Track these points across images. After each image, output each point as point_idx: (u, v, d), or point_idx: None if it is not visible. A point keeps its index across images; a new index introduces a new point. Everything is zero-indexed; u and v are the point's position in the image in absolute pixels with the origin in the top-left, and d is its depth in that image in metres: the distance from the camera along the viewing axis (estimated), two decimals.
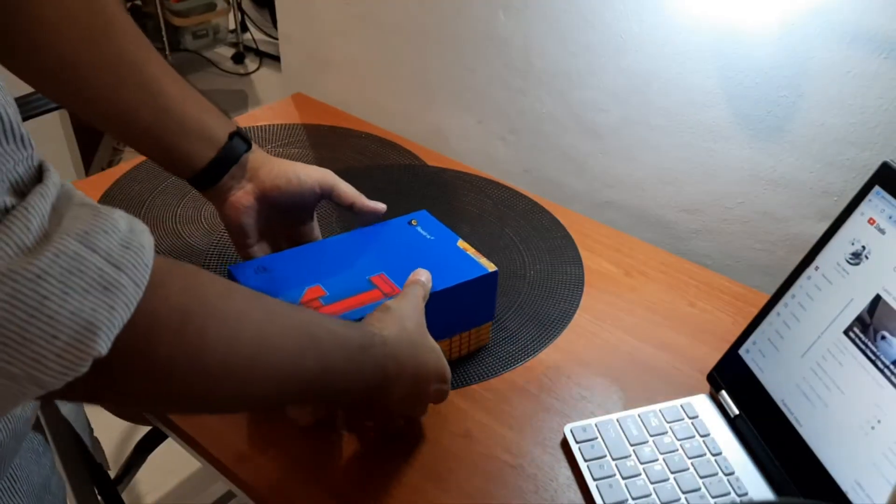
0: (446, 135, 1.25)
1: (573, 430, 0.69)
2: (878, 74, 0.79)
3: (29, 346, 0.33)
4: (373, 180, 1.06)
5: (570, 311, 0.85)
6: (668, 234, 1.05)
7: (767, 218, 0.94)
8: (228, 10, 3.18)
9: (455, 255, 0.75)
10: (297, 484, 0.65)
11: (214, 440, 0.68)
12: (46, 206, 0.34)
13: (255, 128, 1.16)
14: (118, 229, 0.36)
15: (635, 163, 1.03)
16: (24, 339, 0.32)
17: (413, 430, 0.70)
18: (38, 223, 0.34)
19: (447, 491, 0.65)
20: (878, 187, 0.63)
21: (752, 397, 0.69)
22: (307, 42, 1.37)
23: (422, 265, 0.71)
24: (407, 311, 0.62)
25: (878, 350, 0.59)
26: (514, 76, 1.10)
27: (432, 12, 1.15)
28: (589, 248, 0.95)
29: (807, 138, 0.87)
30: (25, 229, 0.33)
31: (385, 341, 0.57)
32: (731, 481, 0.65)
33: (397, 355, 0.58)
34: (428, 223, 0.80)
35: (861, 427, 0.58)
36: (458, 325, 0.75)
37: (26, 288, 0.32)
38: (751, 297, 0.88)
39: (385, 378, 0.58)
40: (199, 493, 1.53)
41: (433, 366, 0.62)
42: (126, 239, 0.37)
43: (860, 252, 0.63)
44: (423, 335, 0.63)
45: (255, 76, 3.26)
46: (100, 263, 0.35)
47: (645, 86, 0.97)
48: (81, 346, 0.34)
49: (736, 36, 0.87)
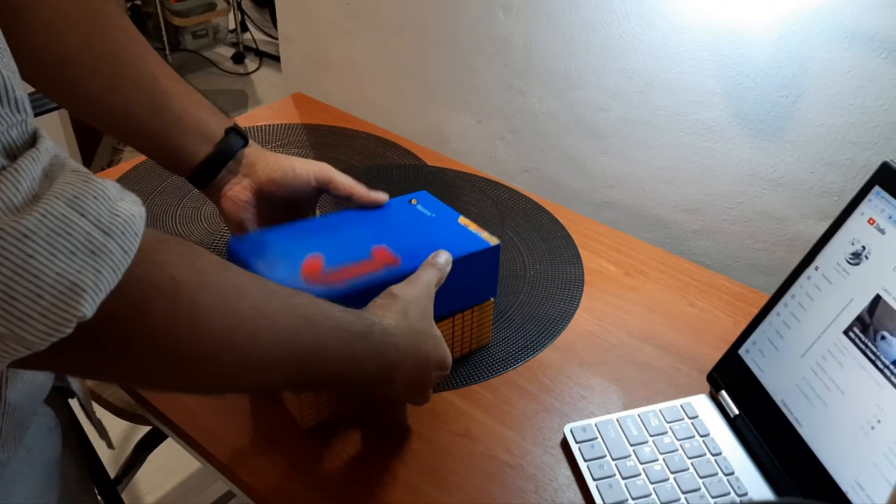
0: (446, 135, 1.25)
1: (573, 430, 0.69)
2: (878, 74, 0.79)
3: (13, 304, 0.33)
4: (373, 180, 1.06)
5: (570, 311, 0.85)
6: (668, 234, 1.05)
7: (767, 218, 0.94)
8: (228, 10, 3.18)
9: (456, 230, 0.74)
10: (297, 484, 0.65)
11: (214, 440, 0.68)
12: (37, 170, 0.35)
13: (255, 128, 1.16)
14: (109, 197, 0.37)
15: (635, 163, 1.03)
16: (8, 296, 0.33)
17: (413, 429, 0.70)
18: (27, 185, 0.34)
19: (447, 491, 0.65)
20: (878, 187, 0.63)
21: (751, 397, 0.69)
22: (307, 42, 1.37)
23: (423, 240, 0.70)
24: (412, 297, 0.62)
25: (878, 350, 0.59)
26: (514, 76, 1.10)
27: (432, 12, 1.15)
28: (589, 248, 0.95)
29: (807, 138, 0.87)
30: (14, 190, 0.33)
31: (386, 330, 0.57)
32: (731, 481, 0.65)
33: (398, 344, 0.58)
34: (428, 202, 0.79)
35: (861, 427, 0.58)
36: (461, 300, 0.74)
37: (12, 246, 0.33)
38: (751, 297, 0.88)
39: (386, 367, 0.57)
40: (199, 493, 1.53)
41: (434, 354, 0.62)
42: (116, 207, 0.37)
43: (860, 252, 0.63)
44: (427, 324, 0.62)
45: (255, 76, 3.26)
46: (88, 227, 0.35)
47: (645, 86, 0.97)
48: (66, 306, 0.34)
49: (736, 36, 0.87)
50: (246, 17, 3.32)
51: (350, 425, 0.70)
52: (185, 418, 0.70)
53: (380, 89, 1.30)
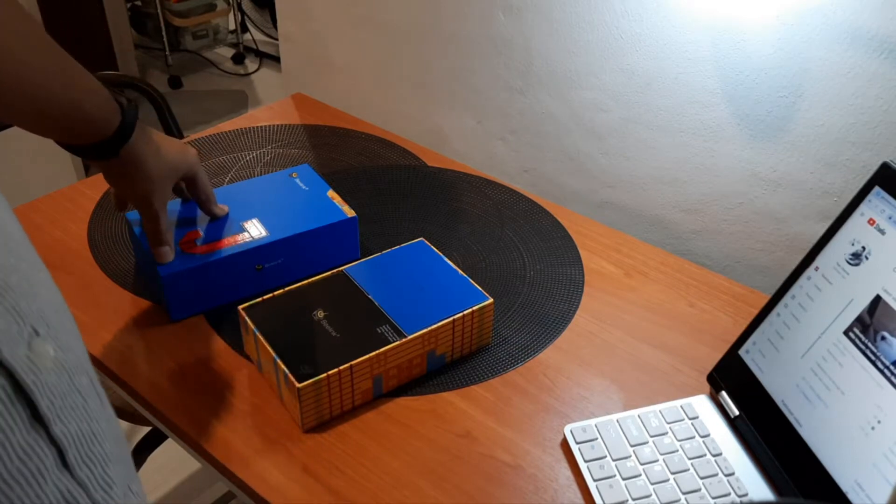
0: (446, 135, 1.25)
1: (573, 431, 0.69)
2: (878, 74, 0.79)
3: None
4: (373, 180, 1.06)
5: (570, 311, 0.85)
6: (668, 235, 1.05)
7: (767, 218, 0.94)
8: (228, 10, 3.18)
9: (322, 202, 0.87)
10: (297, 484, 0.65)
11: (214, 440, 0.68)
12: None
13: (255, 128, 1.16)
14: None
15: (635, 163, 1.03)
16: None
17: (413, 429, 0.70)
18: None
19: (447, 491, 0.65)
20: (878, 188, 0.63)
21: (752, 398, 0.69)
22: (307, 42, 1.37)
23: (291, 212, 0.85)
24: (167, 140, 0.76)
25: (878, 350, 0.59)
26: (514, 76, 1.10)
27: (432, 12, 1.15)
28: (589, 249, 0.95)
29: (807, 138, 0.87)
30: None
31: (135, 116, 0.69)
32: (732, 482, 0.65)
33: (146, 128, 0.71)
34: (306, 175, 0.92)
35: (861, 427, 0.58)
36: (324, 262, 0.87)
37: None
38: (751, 298, 0.88)
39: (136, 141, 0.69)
40: (199, 493, 1.54)
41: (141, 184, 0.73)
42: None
43: (860, 252, 0.63)
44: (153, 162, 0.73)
45: (255, 76, 3.26)
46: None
47: (645, 86, 0.97)
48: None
49: (736, 36, 0.87)
50: (246, 18, 3.32)
51: (350, 425, 0.70)
52: (185, 418, 0.70)
53: (380, 90, 1.30)
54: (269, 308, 0.74)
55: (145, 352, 0.77)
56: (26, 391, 0.35)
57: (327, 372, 0.67)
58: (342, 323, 0.73)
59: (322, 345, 0.70)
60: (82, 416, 0.38)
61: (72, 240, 0.92)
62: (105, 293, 0.84)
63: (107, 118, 0.68)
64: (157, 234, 0.76)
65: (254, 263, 0.81)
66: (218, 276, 0.80)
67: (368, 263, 0.80)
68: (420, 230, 0.96)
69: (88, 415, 0.39)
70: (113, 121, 0.68)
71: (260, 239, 0.81)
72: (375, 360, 0.70)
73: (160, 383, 0.74)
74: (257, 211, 0.85)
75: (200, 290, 0.80)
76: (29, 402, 0.35)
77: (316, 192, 0.89)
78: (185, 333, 0.79)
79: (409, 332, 0.72)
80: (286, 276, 0.85)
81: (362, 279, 0.78)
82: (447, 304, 0.75)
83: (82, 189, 1.01)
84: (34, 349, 0.36)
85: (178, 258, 0.78)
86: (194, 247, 0.80)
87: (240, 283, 0.82)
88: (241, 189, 0.89)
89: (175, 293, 0.78)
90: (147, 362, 0.76)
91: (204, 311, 0.82)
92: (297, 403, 0.68)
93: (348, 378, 0.69)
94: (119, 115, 0.69)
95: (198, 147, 1.11)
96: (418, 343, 0.72)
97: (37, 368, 0.36)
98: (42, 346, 0.37)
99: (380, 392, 0.73)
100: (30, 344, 0.36)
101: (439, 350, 0.75)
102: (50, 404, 0.36)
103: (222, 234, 0.82)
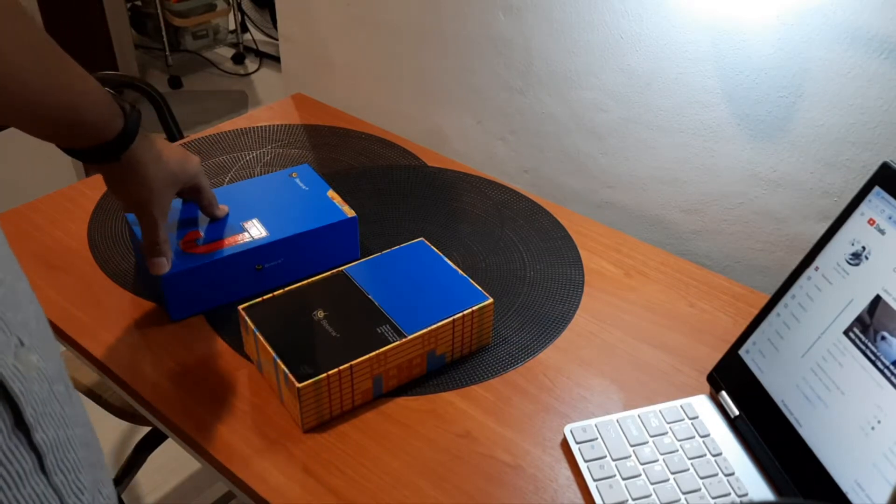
0: (446, 135, 1.25)
1: (573, 431, 0.69)
2: (878, 74, 0.79)
3: None
4: (373, 181, 1.06)
5: (570, 311, 0.85)
6: (668, 235, 1.05)
7: (767, 218, 0.94)
8: (228, 10, 3.18)
9: (322, 202, 0.87)
10: (297, 484, 0.65)
11: (214, 440, 0.68)
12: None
13: (255, 128, 1.16)
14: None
15: (635, 163, 1.03)
16: None
17: (413, 429, 0.70)
18: None
19: (447, 491, 0.65)
20: (878, 188, 0.63)
21: (752, 398, 0.69)
22: (307, 42, 1.37)
23: (291, 212, 0.85)
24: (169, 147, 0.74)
25: (878, 350, 0.59)
26: (514, 76, 1.10)
27: (432, 13, 1.15)
28: (589, 249, 0.95)
29: (807, 138, 0.87)
30: None
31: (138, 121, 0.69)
32: (732, 482, 0.65)
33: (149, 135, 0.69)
34: (306, 175, 0.92)
35: (861, 427, 0.58)
36: (325, 262, 0.86)
37: None
38: (751, 298, 0.88)
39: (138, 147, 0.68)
40: (199, 493, 1.54)
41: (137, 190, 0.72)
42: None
43: (860, 252, 0.63)
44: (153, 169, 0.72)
45: (256, 77, 3.26)
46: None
47: (645, 86, 0.97)
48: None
49: (736, 36, 0.87)
50: (246, 18, 3.32)
51: (350, 425, 0.70)
52: (185, 418, 0.70)
53: (380, 90, 1.30)
54: (269, 308, 0.74)
55: (145, 352, 0.77)
56: (13, 399, 0.35)
57: (327, 372, 0.67)
58: (342, 323, 0.73)
59: (322, 345, 0.70)
60: (59, 423, 0.39)
61: (72, 240, 0.92)
62: (105, 293, 0.84)
63: (108, 121, 0.67)
64: (154, 244, 0.74)
65: (254, 263, 0.81)
66: (218, 276, 0.80)
67: (368, 263, 0.80)
68: (420, 230, 0.96)
69: (65, 422, 0.40)
70: (115, 125, 0.67)
71: (260, 239, 0.81)
72: (375, 360, 0.70)
73: (160, 383, 0.74)
74: (257, 211, 0.85)
75: (200, 290, 0.80)
76: (13, 409, 0.35)
77: (316, 192, 0.89)
78: (185, 333, 0.79)
79: (409, 332, 0.72)
80: (286, 276, 0.85)
81: (362, 279, 0.78)
82: (447, 304, 0.75)
83: (82, 189, 1.01)
84: (20, 358, 0.36)
85: (178, 258, 0.78)
86: (195, 247, 0.80)
87: (240, 283, 0.82)
88: (241, 189, 0.89)
89: (175, 293, 0.78)
90: (147, 362, 0.76)
91: (204, 311, 0.82)
92: (297, 403, 0.68)
93: (348, 378, 0.69)
94: (122, 119, 0.68)
95: (198, 147, 1.11)
96: (418, 343, 0.73)
97: (22, 377, 0.36)
98: (27, 356, 0.37)
99: (380, 392, 0.73)
100: (16, 353, 0.36)
101: (439, 350, 0.75)
102: (33, 412, 0.36)
103: (222, 234, 0.82)
